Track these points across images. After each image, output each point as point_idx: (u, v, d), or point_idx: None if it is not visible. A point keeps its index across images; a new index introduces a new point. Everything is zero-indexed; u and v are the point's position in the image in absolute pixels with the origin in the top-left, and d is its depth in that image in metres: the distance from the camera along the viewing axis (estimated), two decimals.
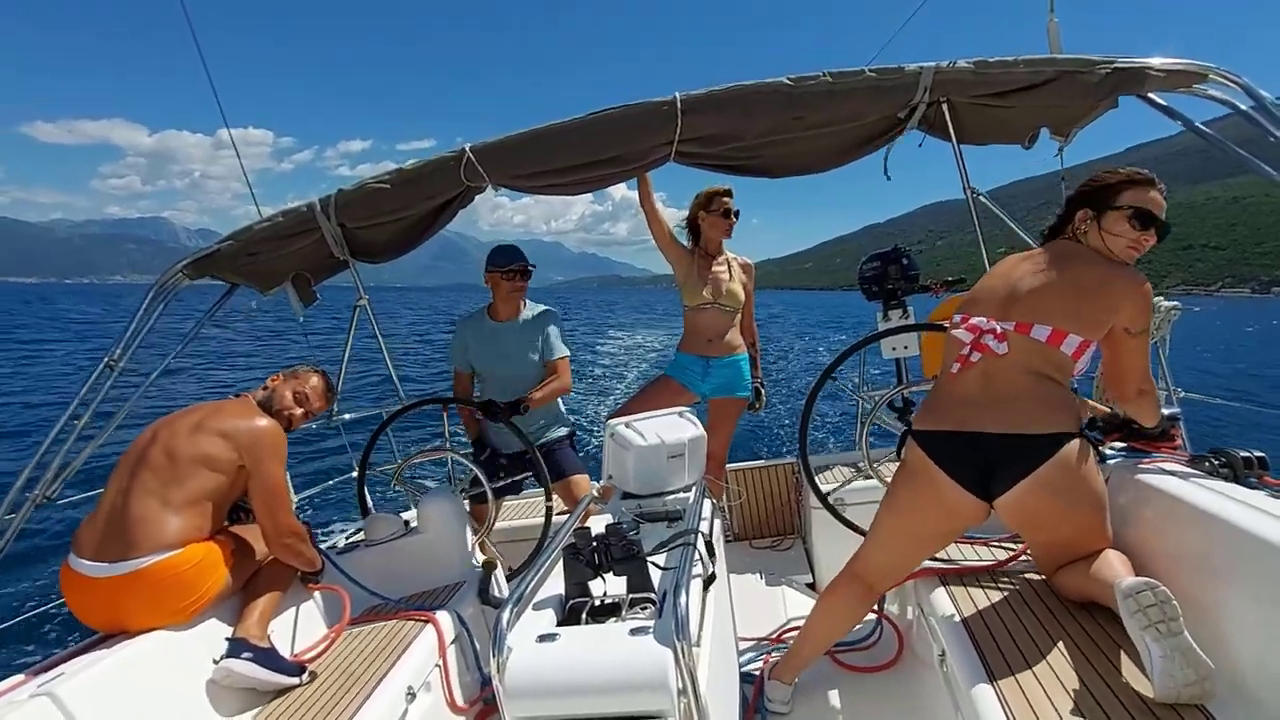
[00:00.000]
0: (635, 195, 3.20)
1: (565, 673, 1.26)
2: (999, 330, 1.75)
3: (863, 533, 2.16)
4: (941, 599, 1.97)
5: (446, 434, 3.20)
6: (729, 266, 3.31)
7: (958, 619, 1.84)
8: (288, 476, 2.74)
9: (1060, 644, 1.65)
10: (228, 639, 1.98)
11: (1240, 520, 1.48)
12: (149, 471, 1.98)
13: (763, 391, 3.50)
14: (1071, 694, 1.46)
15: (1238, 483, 1.72)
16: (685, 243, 3.39)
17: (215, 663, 1.93)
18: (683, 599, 1.27)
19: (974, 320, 1.80)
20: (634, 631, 1.30)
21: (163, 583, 1.89)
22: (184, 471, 2.00)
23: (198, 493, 2.01)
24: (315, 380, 2.43)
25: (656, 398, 3.27)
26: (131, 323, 2.58)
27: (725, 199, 3.24)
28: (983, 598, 1.95)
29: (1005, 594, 1.96)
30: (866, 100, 2.29)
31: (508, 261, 3.17)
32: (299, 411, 2.35)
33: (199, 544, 1.98)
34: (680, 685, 1.22)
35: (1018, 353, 1.73)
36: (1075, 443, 1.67)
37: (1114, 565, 1.66)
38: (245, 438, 2.10)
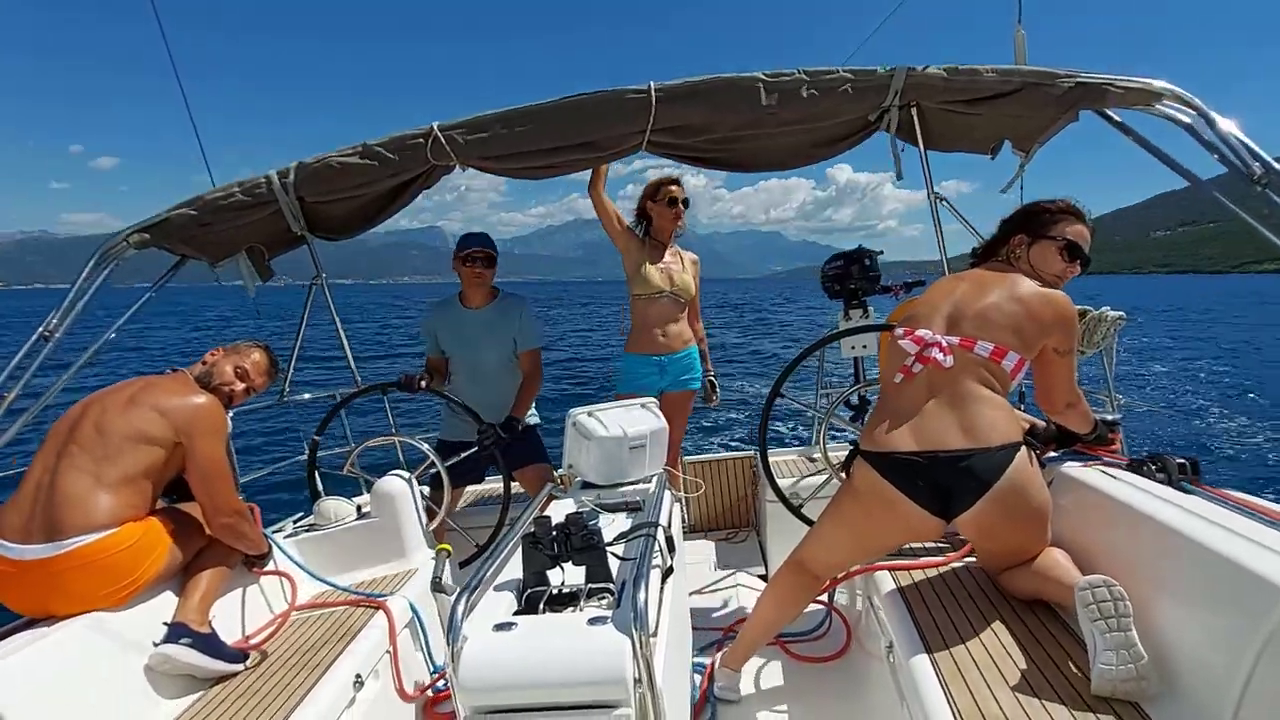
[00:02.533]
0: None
1: (521, 662, 1.25)
2: (944, 344, 1.78)
3: None
4: (890, 591, 2.02)
5: (391, 419, 3.14)
6: (680, 258, 3.27)
7: (905, 611, 1.88)
8: (232, 455, 2.65)
9: (1004, 638, 1.71)
10: (166, 623, 1.91)
11: (1173, 522, 1.55)
12: (79, 448, 1.88)
13: (715, 385, 3.46)
14: (1013, 686, 1.51)
15: (1172, 486, 1.79)
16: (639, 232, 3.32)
17: (153, 647, 1.85)
18: (641, 591, 1.27)
19: (919, 332, 1.83)
20: (592, 621, 1.29)
21: (96, 564, 1.81)
22: (117, 448, 1.90)
23: (132, 470, 1.92)
24: (257, 355, 2.35)
25: None
26: (71, 291, 2.45)
27: (671, 188, 3.17)
28: (930, 591, 2.00)
29: (951, 587, 2.01)
30: (840, 99, 2.31)
31: (466, 247, 3.13)
32: (240, 387, 2.28)
33: (135, 523, 1.89)
34: (636, 676, 1.23)
35: (961, 366, 1.77)
36: (1024, 451, 1.73)
37: (1064, 564, 1.73)
38: (181, 414, 2.01)
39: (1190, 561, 1.47)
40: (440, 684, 2.43)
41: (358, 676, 1.96)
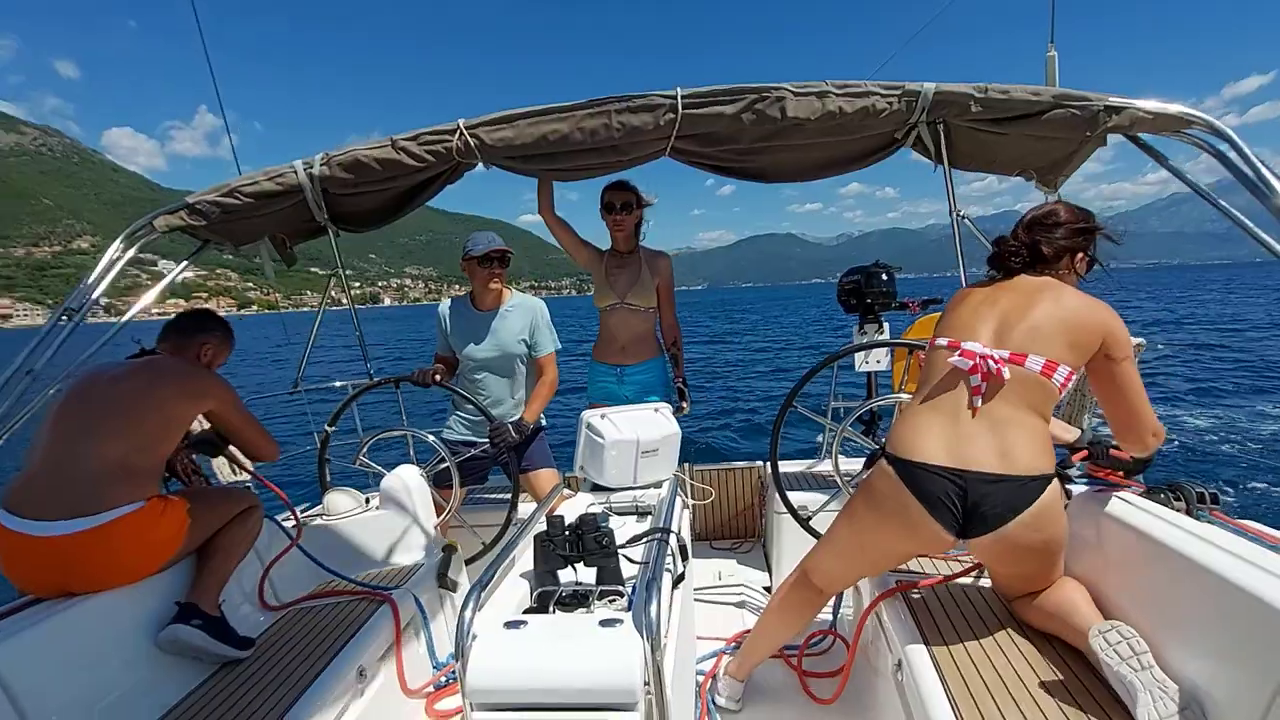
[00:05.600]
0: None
1: (532, 661, 1.25)
2: (997, 357, 1.72)
3: None
4: (899, 608, 2.00)
5: (403, 414, 3.15)
6: (642, 264, 3.19)
7: (915, 629, 1.87)
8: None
9: (1015, 660, 1.69)
10: (178, 603, 1.91)
11: (1192, 553, 1.53)
12: (99, 425, 1.87)
13: (686, 392, 3.33)
14: (1024, 710, 1.49)
15: (1191, 516, 1.77)
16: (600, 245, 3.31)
17: (162, 627, 1.86)
18: (655, 596, 1.27)
19: (969, 346, 1.75)
20: (604, 623, 1.29)
21: (126, 539, 1.80)
22: (137, 425, 1.91)
23: (151, 447, 1.93)
24: (219, 331, 2.37)
25: None
26: (94, 271, 2.47)
27: (607, 194, 3.11)
28: (939, 609, 1.99)
29: (961, 606, 2.00)
30: (867, 113, 2.29)
31: (480, 248, 3.11)
32: (210, 355, 2.33)
33: (158, 500, 1.90)
34: (646, 681, 1.22)
35: (1010, 383, 1.71)
36: (1054, 485, 1.68)
37: (1081, 607, 1.70)
38: (197, 386, 2.09)
39: (1209, 593, 1.45)
40: (442, 679, 2.43)
41: (361, 669, 1.96)
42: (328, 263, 3.30)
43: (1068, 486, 2.13)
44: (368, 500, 2.89)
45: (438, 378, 2.97)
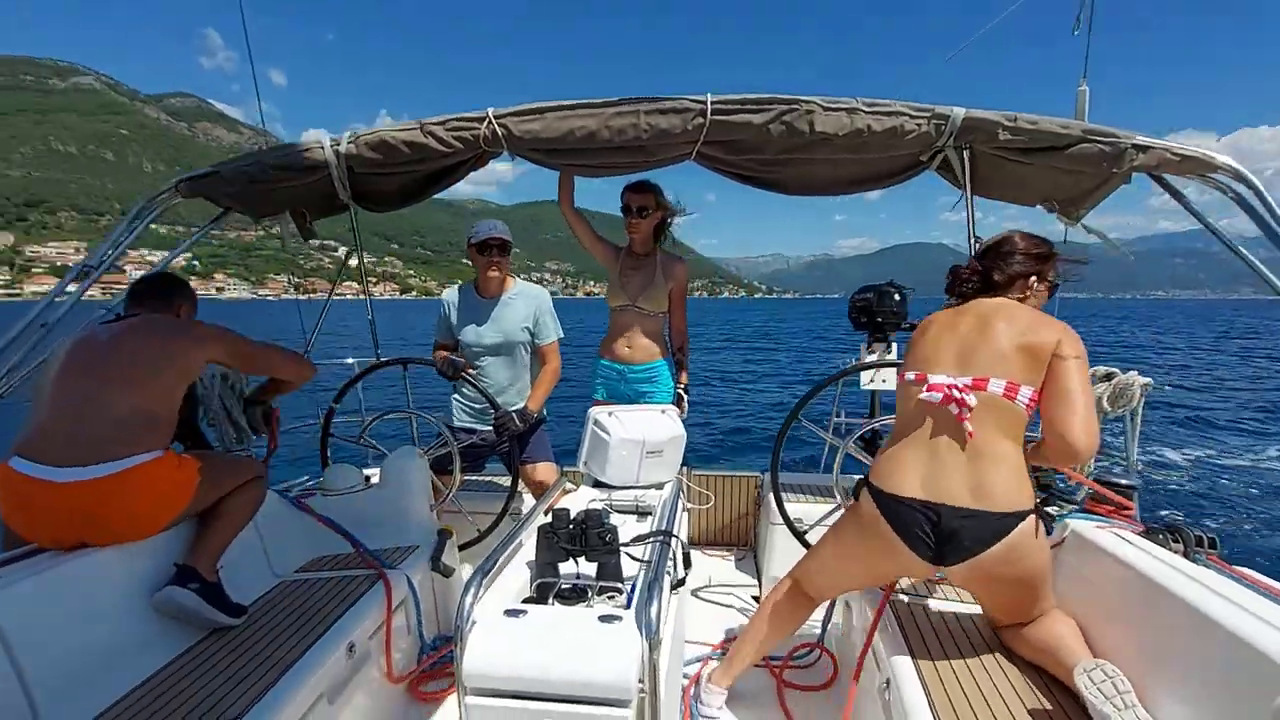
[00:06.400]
0: None
1: (531, 650, 1.26)
2: (962, 385, 1.75)
3: None
4: (891, 627, 2.01)
5: (409, 396, 3.16)
6: (657, 267, 3.17)
7: (905, 649, 1.88)
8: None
9: (1002, 687, 1.70)
10: (176, 565, 1.92)
11: (1186, 595, 1.54)
12: (118, 375, 1.87)
13: (684, 398, 3.31)
14: None
15: (1188, 558, 1.78)
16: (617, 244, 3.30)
17: (158, 589, 1.87)
18: (656, 596, 1.28)
19: (935, 379, 1.79)
20: (603, 619, 1.30)
21: (143, 487, 1.81)
22: (155, 376, 1.92)
23: (168, 398, 1.95)
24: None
25: None
26: (115, 232, 2.50)
27: (625, 196, 3.08)
28: (930, 630, 2.00)
29: (951, 628, 2.01)
30: (895, 133, 2.30)
31: (479, 235, 3.11)
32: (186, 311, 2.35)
33: (172, 454, 1.91)
34: (641, 679, 1.23)
35: (980, 409, 1.73)
36: (1031, 519, 1.70)
37: (1068, 642, 1.72)
38: (209, 336, 2.11)
39: (1200, 637, 1.46)
40: (429, 663, 2.44)
41: (351, 645, 1.97)
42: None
43: (1052, 527, 2.14)
44: (368, 479, 2.90)
45: (471, 371, 3.00)
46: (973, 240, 2.77)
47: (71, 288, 2.49)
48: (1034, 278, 1.93)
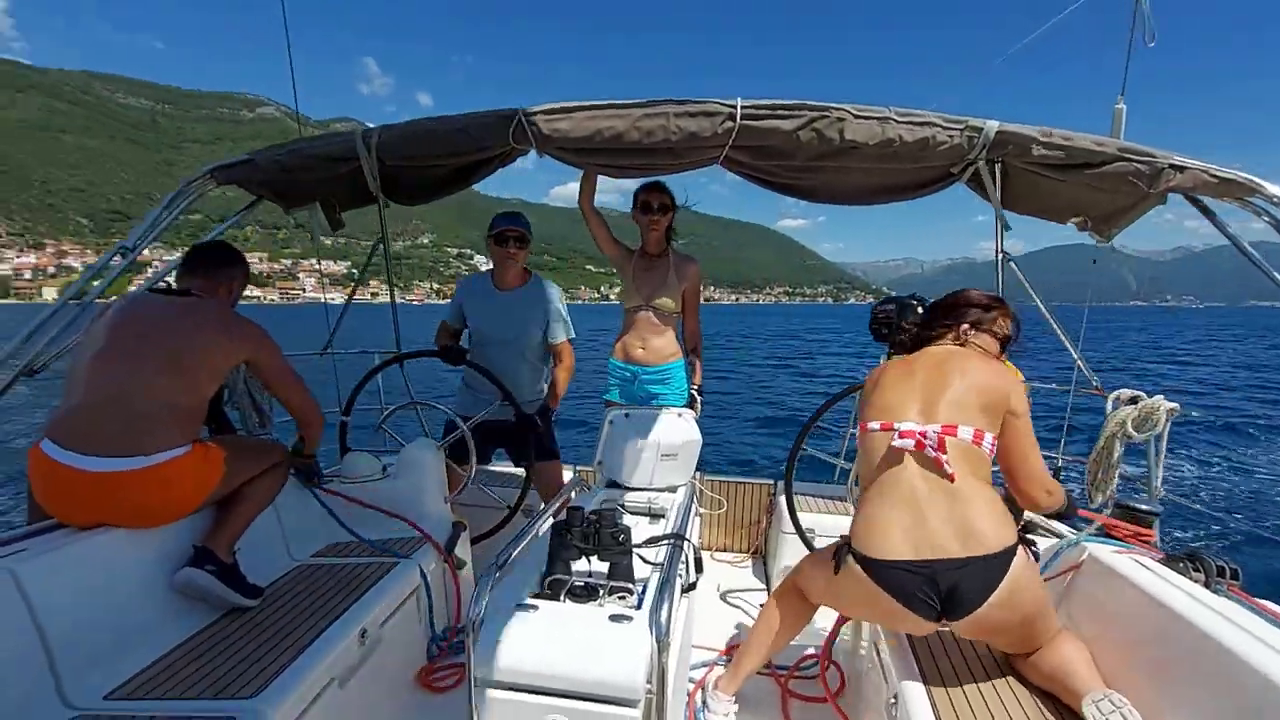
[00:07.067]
0: None
1: (543, 645, 1.27)
2: (930, 434, 1.74)
3: None
4: (902, 644, 1.99)
5: (410, 390, 3.20)
6: (670, 268, 3.17)
7: (914, 667, 1.86)
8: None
9: (1012, 709, 1.68)
10: (195, 546, 1.96)
11: (1205, 625, 1.52)
12: (157, 367, 1.88)
13: (698, 398, 3.30)
14: None
15: (1208, 589, 1.75)
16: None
17: (177, 569, 1.91)
18: (667, 599, 1.28)
19: (905, 426, 1.79)
20: (614, 618, 1.30)
21: (169, 483, 1.84)
22: (194, 371, 1.95)
23: (202, 393, 1.97)
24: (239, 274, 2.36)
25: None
26: (151, 215, 2.55)
27: (644, 194, 3.08)
28: (940, 648, 1.98)
29: (964, 651, 1.98)
30: (926, 144, 2.27)
31: (497, 227, 3.12)
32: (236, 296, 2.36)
33: (200, 446, 1.94)
34: (649, 680, 1.24)
35: (952, 456, 1.73)
36: (1020, 554, 1.69)
37: (1079, 669, 1.69)
38: (247, 338, 2.10)
39: (1218, 669, 1.44)
40: (434, 652, 2.46)
41: (363, 631, 2.00)
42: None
43: (1037, 552, 2.11)
44: (384, 468, 2.93)
45: (468, 357, 3.02)
46: (1000, 257, 2.75)
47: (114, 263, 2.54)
48: (964, 326, 2.00)
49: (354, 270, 3.60)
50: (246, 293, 2.52)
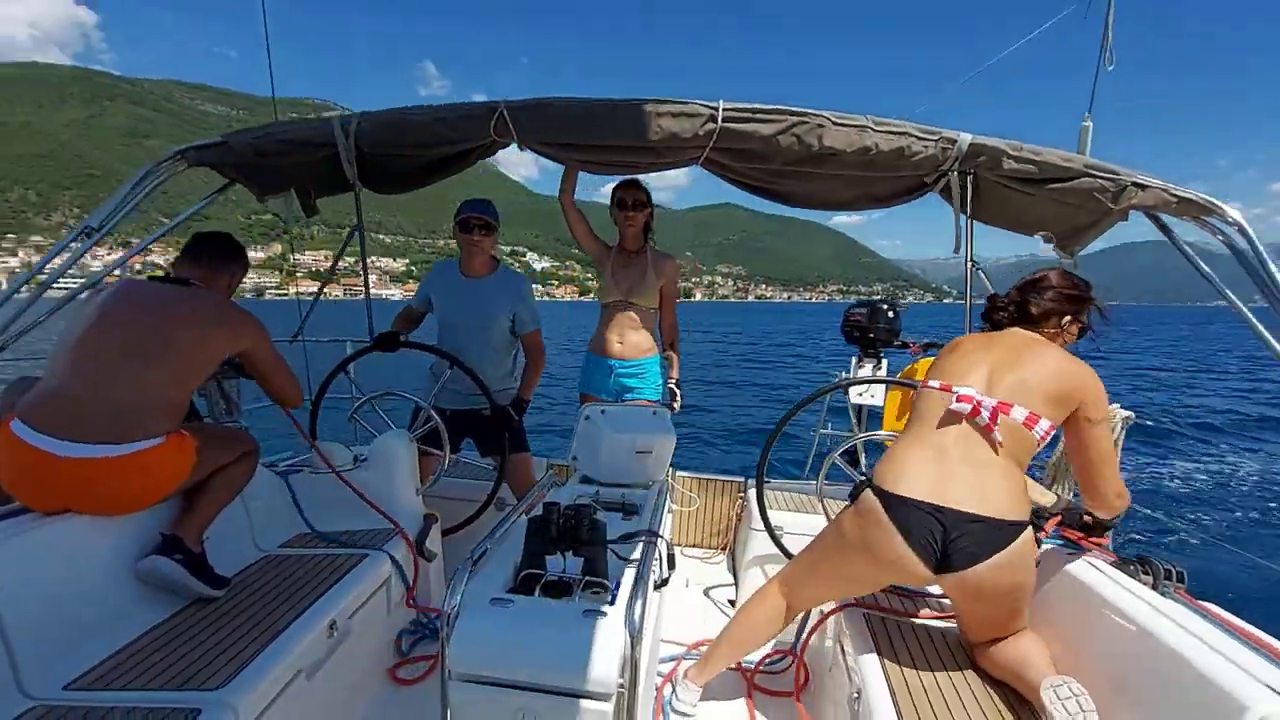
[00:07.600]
0: None
1: (517, 640, 1.28)
2: (986, 404, 1.81)
3: None
4: (865, 639, 2.05)
5: (354, 384, 3.18)
6: (648, 265, 3.21)
7: (878, 663, 1.91)
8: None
9: (971, 708, 1.74)
10: (163, 534, 1.93)
11: (1151, 626, 1.59)
12: (145, 356, 1.84)
13: (678, 393, 3.28)
14: None
15: (1156, 591, 1.83)
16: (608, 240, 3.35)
17: (143, 556, 1.87)
18: (641, 594, 1.31)
19: (965, 391, 1.85)
20: (588, 613, 1.32)
21: (142, 472, 1.81)
22: (184, 362, 1.92)
23: (188, 381, 1.94)
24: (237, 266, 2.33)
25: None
26: (117, 195, 2.48)
27: (621, 191, 3.13)
28: (903, 644, 2.04)
29: (923, 644, 2.05)
30: (902, 154, 2.33)
31: (463, 214, 3.10)
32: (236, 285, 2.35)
33: (176, 436, 1.90)
34: (621, 674, 1.26)
35: (1000, 430, 1.79)
36: (1029, 532, 1.76)
37: (1037, 661, 1.76)
38: (242, 328, 2.09)
39: (1162, 667, 1.50)
40: (403, 646, 2.46)
41: (332, 623, 1.99)
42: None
43: (1040, 540, 2.19)
44: (355, 459, 2.90)
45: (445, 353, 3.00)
46: (969, 266, 2.82)
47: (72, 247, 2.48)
48: (1067, 317, 1.99)
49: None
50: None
